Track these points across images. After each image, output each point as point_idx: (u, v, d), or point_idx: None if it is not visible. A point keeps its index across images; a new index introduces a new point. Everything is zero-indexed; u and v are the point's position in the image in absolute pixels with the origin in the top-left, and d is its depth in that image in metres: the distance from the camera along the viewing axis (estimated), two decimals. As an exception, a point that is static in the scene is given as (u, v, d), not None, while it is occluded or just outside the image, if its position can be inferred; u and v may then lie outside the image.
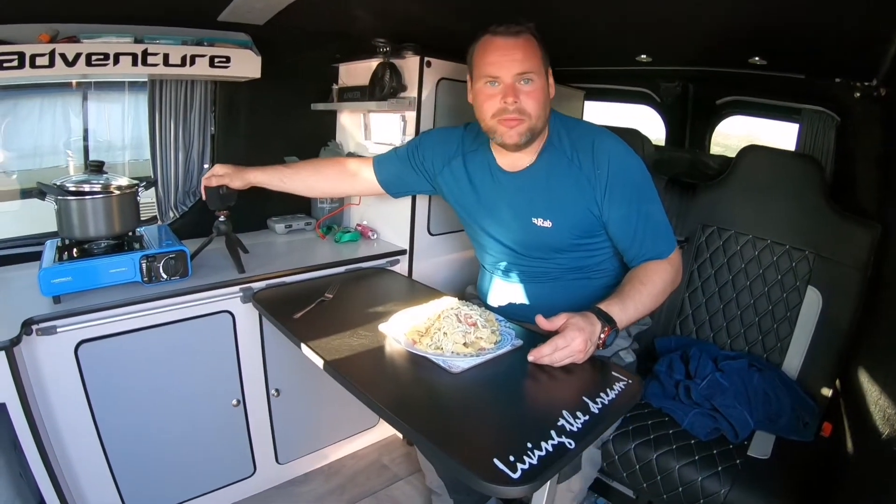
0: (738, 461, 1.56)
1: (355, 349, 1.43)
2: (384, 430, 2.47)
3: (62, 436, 1.70)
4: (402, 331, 1.46)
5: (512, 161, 1.60)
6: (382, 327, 1.51)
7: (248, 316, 1.93)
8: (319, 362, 1.40)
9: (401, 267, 2.24)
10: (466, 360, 1.34)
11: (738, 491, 1.49)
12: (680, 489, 1.58)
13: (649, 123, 2.99)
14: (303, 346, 1.47)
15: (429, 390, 1.29)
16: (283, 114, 2.46)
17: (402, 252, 2.24)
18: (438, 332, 1.40)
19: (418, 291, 1.93)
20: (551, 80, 1.52)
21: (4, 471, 1.61)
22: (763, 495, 1.47)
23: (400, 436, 2.49)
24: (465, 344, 1.38)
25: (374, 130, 2.41)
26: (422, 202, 2.23)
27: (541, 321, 1.33)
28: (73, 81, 2.42)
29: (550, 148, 1.56)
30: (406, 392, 1.31)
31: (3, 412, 1.54)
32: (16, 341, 1.46)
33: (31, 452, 1.59)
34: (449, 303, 1.54)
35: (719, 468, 1.55)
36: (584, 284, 1.64)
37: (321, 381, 1.98)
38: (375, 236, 2.38)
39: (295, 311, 1.66)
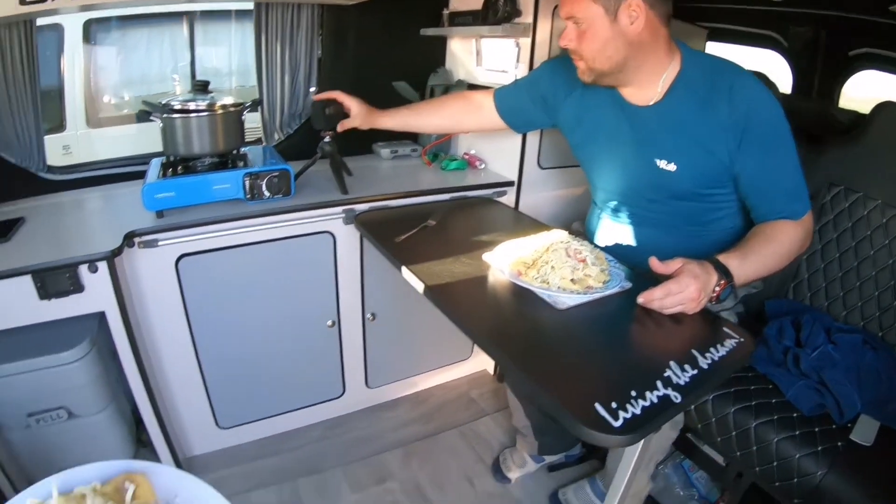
0: (839, 444, 1.43)
1: (457, 276, 1.41)
2: (475, 365, 2.48)
3: (158, 346, 1.80)
4: (508, 261, 1.41)
5: (636, 93, 1.48)
6: (486, 256, 1.47)
7: (348, 238, 1.94)
8: (419, 287, 1.38)
9: (507, 199, 2.18)
10: (573, 296, 1.28)
11: (834, 475, 1.37)
12: (775, 464, 1.48)
13: (774, 71, 2.72)
14: (403, 269, 1.45)
15: (531, 324, 1.25)
16: (391, 39, 2.40)
17: (510, 184, 2.17)
18: (546, 265, 1.35)
19: (524, 224, 1.87)
20: (642, 17, 1.35)
21: (102, 379, 1.72)
22: (861, 484, 1.35)
23: (490, 371, 2.49)
24: (572, 280, 1.32)
25: (485, 57, 2.30)
26: (533, 134, 2.14)
27: (655, 264, 1.26)
28: (181, 11, 2.44)
29: (682, 84, 1.43)
30: (507, 324, 1.28)
31: (102, 321, 1.64)
32: (117, 252, 1.53)
33: (128, 361, 1.69)
34: (558, 236, 1.48)
35: (819, 448, 1.43)
36: (699, 238, 1.53)
37: (418, 308, 2.03)
38: (483, 166, 2.31)
39: (397, 234, 1.65)
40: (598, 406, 0.93)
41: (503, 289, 1.36)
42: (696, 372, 1.06)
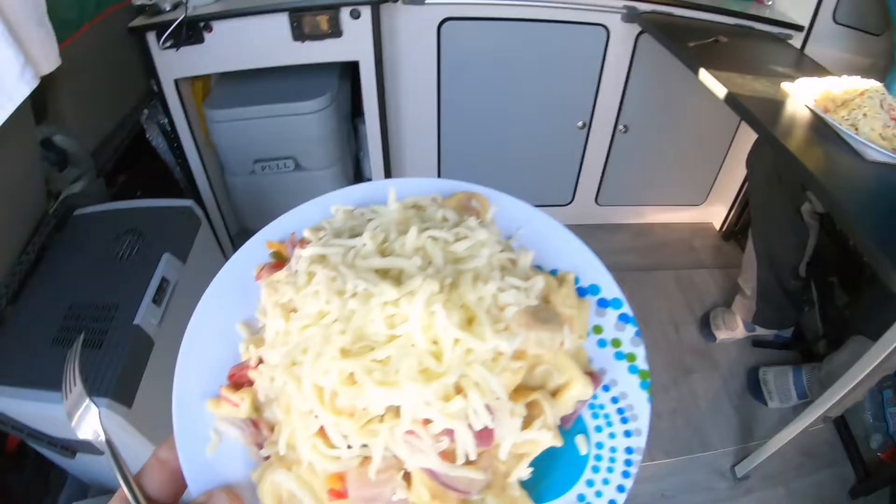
0: None
1: (756, 92, 1.28)
2: (703, 214, 2.31)
3: (401, 108, 1.83)
4: (813, 94, 1.24)
5: None
6: (787, 85, 1.31)
7: (623, 37, 1.78)
8: (721, 91, 1.28)
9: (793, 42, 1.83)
10: (883, 153, 1.10)
11: None
12: None
13: None
14: (702, 71, 1.35)
15: (827, 166, 1.11)
16: None
17: (798, 28, 1.80)
18: (858, 109, 1.17)
19: (817, 70, 1.58)
20: None
21: (335, 135, 1.79)
22: None
23: (716, 227, 2.31)
24: (881, 136, 1.14)
25: None
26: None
27: None
28: None
29: None
30: (801, 152, 1.13)
31: (342, 78, 1.65)
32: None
33: (372, 117, 1.74)
34: (873, 84, 1.25)
35: None
36: None
37: (672, 133, 1.94)
38: (770, 2, 1.92)
39: (686, 41, 1.49)
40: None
41: (802, 121, 1.21)
42: None
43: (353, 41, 1.59)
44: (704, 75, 1.35)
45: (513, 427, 0.38)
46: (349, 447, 0.38)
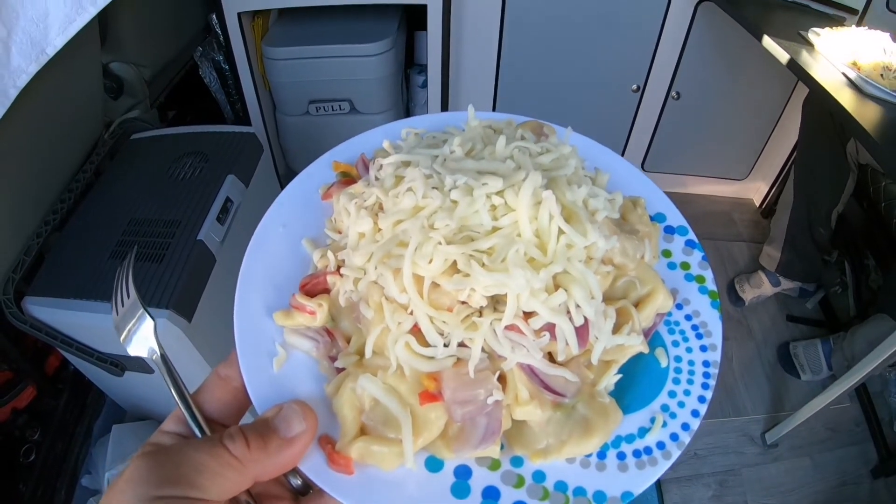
0: None
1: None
2: (744, 189, 2.26)
3: (463, 52, 1.77)
4: (846, 58, 1.25)
5: None
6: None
7: (684, 3, 1.72)
8: (783, 56, 1.28)
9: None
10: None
11: None
12: None
13: None
14: (765, 38, 1.33)
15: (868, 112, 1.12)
16: None
17: (853, 11, 1.71)
18: None
19: None
20: None
21: (392, 79, 1.75)
22: None
23: (756, 203, 2.26)
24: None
25: None
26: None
27: None
28: None
29: None
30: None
31: (401, 22, 1.60)
32: None
33: (434, 59, 1.69)
34: None
35: None
36: None
37: (722, 104, 1.91)
38: None
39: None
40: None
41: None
42: None
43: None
44: (769, 43, 1.33)
45: (606, 329, 0.38)
46: (445, 346, 0.36)
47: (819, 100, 1.56)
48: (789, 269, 1.81)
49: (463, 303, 0.36)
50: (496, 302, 0.37)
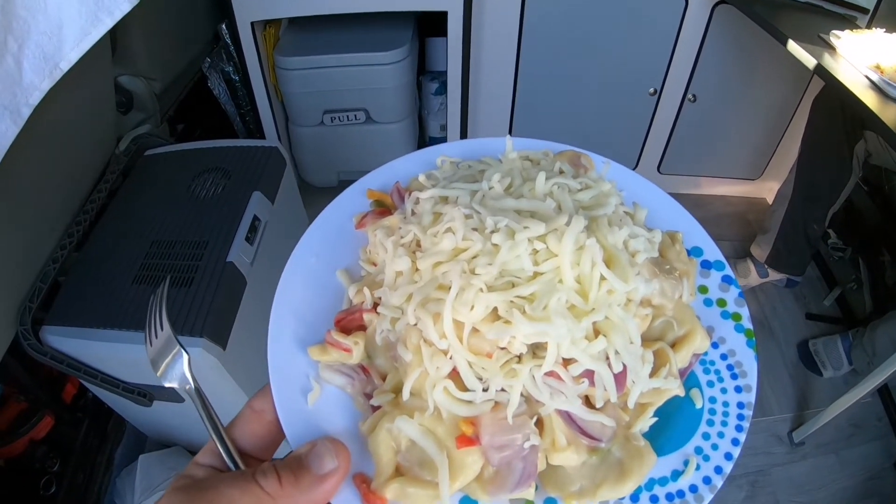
0: None
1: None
2: (758, 189, 2.21)
3: (482, 59, 1.70)
4: (868, 61, 1.23)
5: None
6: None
7: (700, 6, 1.67)
8: (810, 62, 1.24)
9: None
10: None
11: None
12: None
13: None
14: (790, 42, 1.28)
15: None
16: None
17: (864, 10, 1.66)
18: None
19: None
20: None
21: (408, 89, 1.69)
22: None
23: (769, 201, 2.19)
24: None
25: None
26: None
27: None
28: None
29: None
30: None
31: (414, 33, 1.56)
32: None
33: (455, 67, 1.63)
34: None
35: None
36: None
37: (737, 106, 1.87)
38: None
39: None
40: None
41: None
42: None
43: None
44: (794, 47, 1.29)
45: (643, 375, 0.37)
46: (483, 390, 0.35)
47: (835, 101, 1.55)
48: (778, 262, 1.79)
49: (503, 349, 0.35)
50: (535, 348, 0.35)
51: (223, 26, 1.60)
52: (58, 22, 0.89)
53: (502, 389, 0.35)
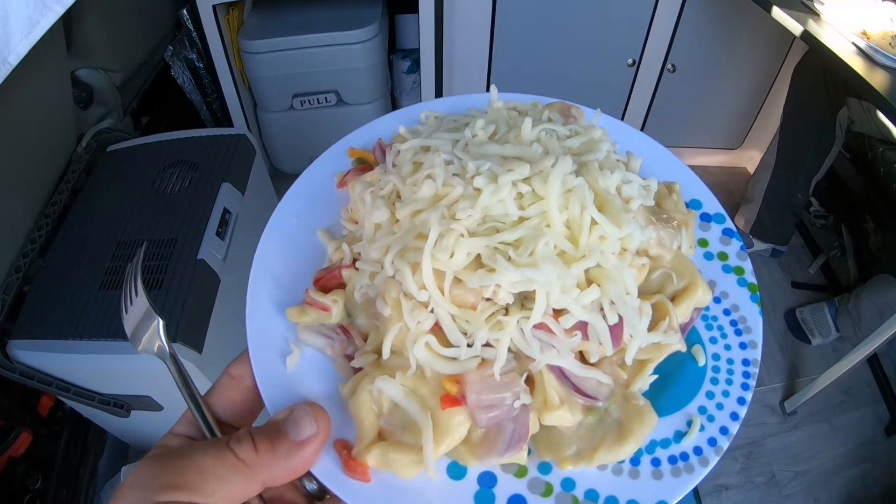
0: None
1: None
2: (738, 159, 2.20)
3: (455, 34, 1.65)
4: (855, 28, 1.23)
5: None
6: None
7: None
8: (796, 28, 1.23)
9: None
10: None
11: None
12: None
13: None
14: (774, 9, 1.28)
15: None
16: None
17: None
18: None
19: None
20: None
21: (379, 68, 1.65)
22: None
23: (749, 170, 2.19)
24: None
25: None
26: None
27: None
28: None
29: None
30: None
31: (385, 6, 1.54)
32: None
33: (427, 43, 1.57)
34: None
35: None
36: None
37: (717, 75, 1.85)
38: None
39: None
40: None
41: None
42: None
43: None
44: (778, 13, 1.29)
45: (641, 328, 0.34)
46: (468, 346, 0.33)
47: (817, 68, 1.54)
48: (762, 231, 1.79)
49: (488, 300, 0.33)
50: (524, 299, 0.33)
51: (184, 11, 1.52)
52: (2, 13, 0.83)
53: (488, 345, 0.33)
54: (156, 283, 0.98)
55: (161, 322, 0.34)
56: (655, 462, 0.33)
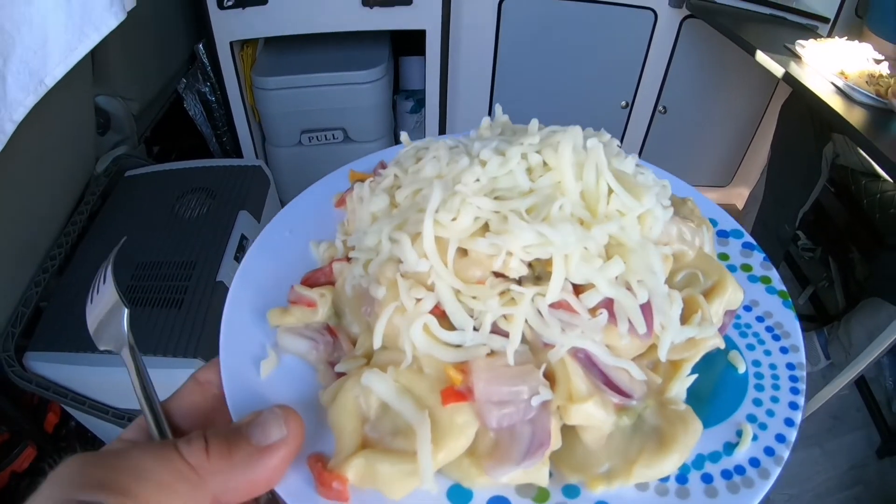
0: None
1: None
2: (727, 196, 2.27)
3: (458, 79, 1.75)
4: (833, 68, 1.29)
5: None
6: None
7: (669, 21, 1.73)
8: (779, 71, 1.29)
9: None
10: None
11: None
12: None
13: None
14: (759, 52, 1.34)
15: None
16: None
17: (825, 20, 1.78)
18: None
19: None
20: None
21: (385, 107, 1.72)
22: None
23: (739, 207, 2.26)
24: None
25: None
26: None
27: None
28: None
29: None
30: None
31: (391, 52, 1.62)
32: None
33: (432, 85, 1.66)
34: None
35: None
36: None
37: (706, 115, 1.93)
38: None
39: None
40: None
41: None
42: None
43: (422, 10, 1.50)
44: (762, 57, 1.36)
45: (673, 317, 0.29)
46: (475, 330, 0.28)
47: (803, 107, 1.62)
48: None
49: (497, 275, 0.28)
50: (537, 278, 0.29)
51: (200, 46, 1.60)
52: (43, 36, 0.88)
53: (499, 331, 0.28)
54: (176, 302, 1.02)
55: (126, 312, 0.30)
56: (706, 478, 0.28)
